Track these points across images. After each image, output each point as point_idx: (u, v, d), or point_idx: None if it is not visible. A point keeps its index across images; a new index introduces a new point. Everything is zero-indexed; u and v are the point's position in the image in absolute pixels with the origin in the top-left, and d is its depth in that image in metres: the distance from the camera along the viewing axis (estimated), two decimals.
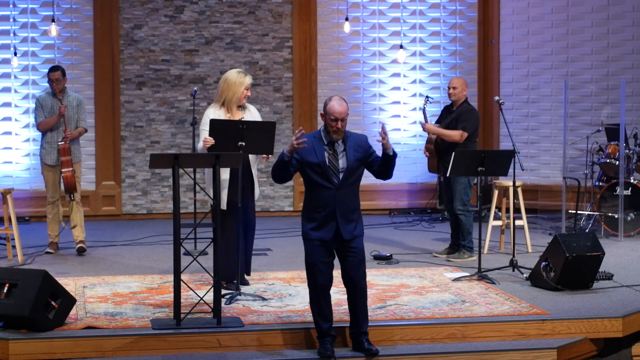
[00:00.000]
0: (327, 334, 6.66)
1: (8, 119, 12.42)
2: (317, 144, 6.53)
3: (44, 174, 9.94)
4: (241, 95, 8.17)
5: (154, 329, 6.91)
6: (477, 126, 9.75)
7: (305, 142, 6.39)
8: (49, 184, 9.90)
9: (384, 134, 6.46)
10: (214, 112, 8.15)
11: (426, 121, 10.04)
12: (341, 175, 6.49)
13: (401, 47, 12.50)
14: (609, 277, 8.51)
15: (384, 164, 6.60)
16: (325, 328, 6.66)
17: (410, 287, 8.33)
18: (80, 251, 9.89)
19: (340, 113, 6.47)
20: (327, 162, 6.48)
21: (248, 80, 8.21)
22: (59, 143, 9.73)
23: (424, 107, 10.37)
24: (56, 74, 9.82)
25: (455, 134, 9.56)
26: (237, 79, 8.18)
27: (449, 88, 9.79)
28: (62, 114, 9.69)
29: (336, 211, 6.49)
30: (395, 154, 6.57)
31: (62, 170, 9.71)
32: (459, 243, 9.71)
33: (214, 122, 7.84)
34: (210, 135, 7.84)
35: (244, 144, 7.72)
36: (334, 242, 6.55)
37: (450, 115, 9.68)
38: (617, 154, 10.92)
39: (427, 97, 9.70)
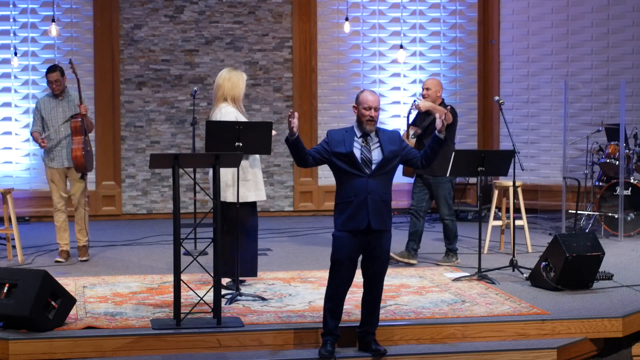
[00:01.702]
0: (331, 333, 6.67)
1: (8, 119, 12.43)
2: (348, 137, 6.56)
3: (49, 179, 9.51)
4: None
5: (154, 329, 6.91)
6: (457, 122, 9.43)
7: (294, 124, 6.43)
8: (55, 189, 9.48)
9: (444, 119, 6.68)
10: (235, 112, 8.12)
11: (408, 127, 9.66)
12: (374, 167, 6.51)
13: (401, 47, 12.50)
14: (609, 277, 8.51)
15: (435, 148, 6.67)
16: (332, 327, 6.66)
17: (410, 287, 8.33)
18: (84, 261, 9.55)
19: (374, 101, 6.57)
20: (360, 154, 6.51)
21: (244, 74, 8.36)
22: (72, 120, 9.30)
23: (410, 112, 9.82)
24: (54, 75, 9.35)
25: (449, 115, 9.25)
26: (238, 74, 8.24)
27: (423, 89, 9.47)
28: (79, 119, 9.30)
29: (368, 199, 6.49)
30: (446, 139, 6.73)
31: (72, 147, 9.28)
32: (447, 247, 9.47)
33: (210, 124, 7.86)
34: (207, 136, 7.84)
35: (241, 144, 7.74)
36: (365, 235, 6.53)
37: (429, 117, 9.28)
38: (617, 154, 10.92)
39: (415, 101, 9.40)
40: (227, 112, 8.06)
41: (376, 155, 6.55)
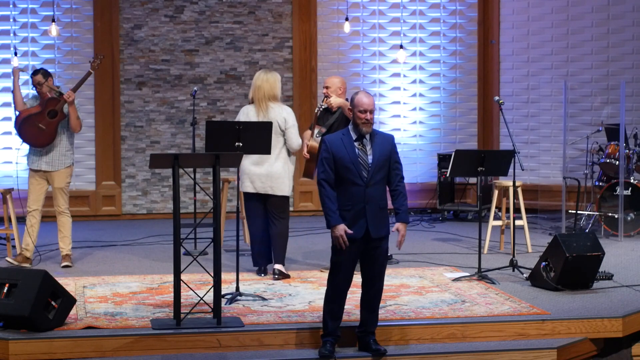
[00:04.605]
0: (331, 334, 6.67)
1: (8, 119, 12.42)
2: (347, 140, 6.56)
3: (29, 180, 9.26)
4: None
5: (154, 329, 6.91)
6: None
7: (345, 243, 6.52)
8: (31, 191, 9.20)
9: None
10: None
11: (313, 126, 8.99)
12: (370, 172, 6.52)
13: (401, 47, 12.50)
14: (609, 277, 8.51)
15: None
16: (332, 328, 6.67)
17: (410, 287, 8.34)
18: (66, 267, 9.19)
19: (369, 104, 6.58)
20: (358, 158, 6.52)
21: None
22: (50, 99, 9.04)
23: (320, 108, 9.07)
24: (37, 78, 9.15)
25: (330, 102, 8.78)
26: (275, 75, 8.71)
27: (324, 88, 9.00)
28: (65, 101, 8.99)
29: (366, 208, 6.52)
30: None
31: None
32: None
33: (210, 124, 7.90)
34: (207, 136, 7.88)
35: (241, 144, 7.76)
36: (362, 241, 6.56)
37: (334, 115, 8.88)
38: (617, 154, 10.92)
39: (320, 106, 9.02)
40: (290, 116, 8.64)
41: (371, 159, 6.56)
